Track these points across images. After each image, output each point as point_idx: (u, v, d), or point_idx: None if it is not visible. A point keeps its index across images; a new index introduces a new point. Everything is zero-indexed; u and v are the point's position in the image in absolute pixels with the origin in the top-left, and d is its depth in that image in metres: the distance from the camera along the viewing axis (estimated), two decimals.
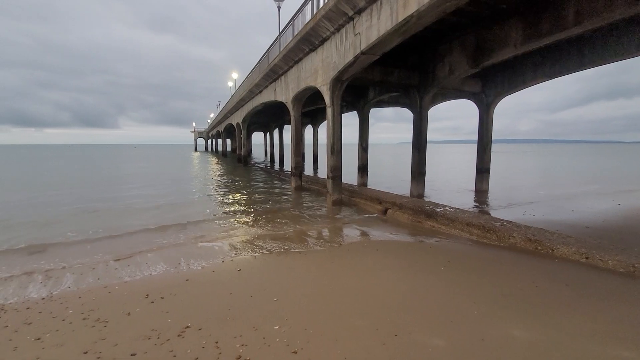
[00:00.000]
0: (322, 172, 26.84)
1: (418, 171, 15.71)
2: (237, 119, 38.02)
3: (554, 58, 13.46)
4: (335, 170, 13.73)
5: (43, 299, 5.29)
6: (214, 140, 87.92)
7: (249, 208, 13.41)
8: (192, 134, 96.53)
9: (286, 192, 17.95)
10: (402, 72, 14.82)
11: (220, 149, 77.31)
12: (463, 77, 15.15)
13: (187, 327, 4.23)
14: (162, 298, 5.16)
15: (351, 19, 10.44)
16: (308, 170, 30.06)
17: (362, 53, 10.36)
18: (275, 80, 20.91)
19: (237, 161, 41.79)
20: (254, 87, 25.14)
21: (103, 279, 6.16)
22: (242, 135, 36.73)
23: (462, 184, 20.87)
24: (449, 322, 4.34)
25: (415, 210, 10.65)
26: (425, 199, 14.70)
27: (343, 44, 11.35)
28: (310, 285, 5.63)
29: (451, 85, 16.04)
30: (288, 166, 34.60)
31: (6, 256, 7.67)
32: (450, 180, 23.95)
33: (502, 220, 9.15)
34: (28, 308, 4.92)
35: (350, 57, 10.95)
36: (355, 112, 22.09)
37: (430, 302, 4.95)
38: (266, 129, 51.67)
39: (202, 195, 17.43)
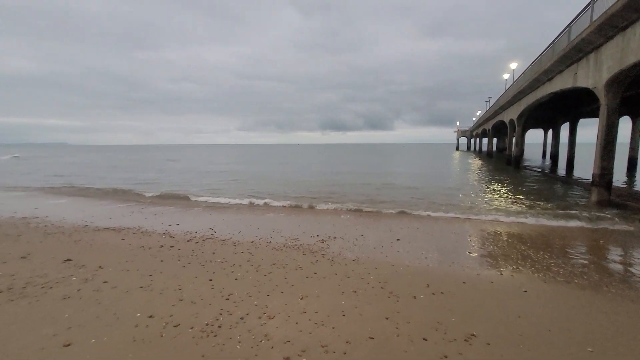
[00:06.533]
0: None
1: None
2: (510, 114, 33.41)
3: None
4: None
5: (353, 260, 7.03)
6: (477, 139, 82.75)
7: (527, 218, 11.37)
8: (455, 133, 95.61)
9: (581, 206, 13.68)
10: None
11: (484, 148, 71.77)
12: None
13: (473, 334, 4.11)
14: (442, 293, 5.37)
15: None
16: (615, 179, 21.45)
17: None
18: (577, 61, 16.26)
19: (505, 162, 36.96)
20: (540, 75, 20.93)
21: (389, 257, 7.31)
22: (515, 134, 31.95)
23: None
24: None
25: None
26: None
27: None
28: None
29: None
30: (579, 172, 26.48)
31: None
32: None
33: None
34: (346, 265, 6.70)
35: None
36: None
37: None
38: (548, 125, 42.07)
39: (465, 196, 16.82)
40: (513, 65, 35.43)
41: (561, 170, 29.85)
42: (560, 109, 30.88)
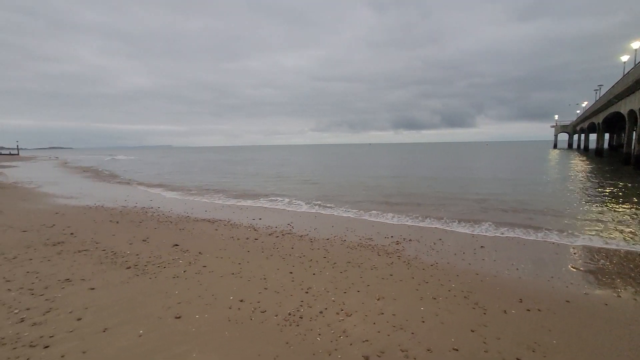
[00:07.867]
0: None
1: None
2: (630, 104, 27.60)
3: None
4: None
5: (431, 265, 6.72)
6: (582, 135, 70.42)
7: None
8: (553, 128, 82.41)
9: None
10: None
11: (591, 145, 60.79)
12: None
13: None
14: (538, 310, 4.77)
15: None
16: None
17: None
18: None
19: (622, 163, 30.69)
20: None
21: (473, 265, 6.78)
22: (637, 127, 26.35)
23: None
24: None
25: None
26: None
27: None
28: None
29: None
30: None
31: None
32: None
33: None
34: (424, 269, 6.44)
35: None
36: None
37: None
38: None
39: (565, 212, 14.49)
40: (635, 45, 29.28)
41: None
42: None
